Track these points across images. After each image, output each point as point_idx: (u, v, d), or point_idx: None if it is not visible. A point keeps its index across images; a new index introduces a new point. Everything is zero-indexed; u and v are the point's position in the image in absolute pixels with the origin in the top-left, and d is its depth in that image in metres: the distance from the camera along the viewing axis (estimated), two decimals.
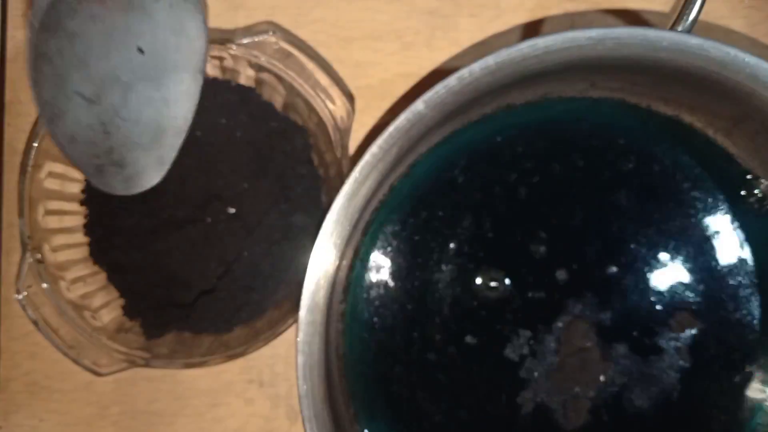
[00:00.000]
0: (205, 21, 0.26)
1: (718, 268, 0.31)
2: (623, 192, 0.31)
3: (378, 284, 0.31)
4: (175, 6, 0.25)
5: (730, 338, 0.31)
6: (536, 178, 0.31)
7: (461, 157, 0.31)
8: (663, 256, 0.31)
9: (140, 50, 0.26)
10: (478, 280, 0.31)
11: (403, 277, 0.31)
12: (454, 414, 0.32)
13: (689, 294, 0.31)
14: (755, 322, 0.31)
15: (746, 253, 0.31)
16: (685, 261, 0.31)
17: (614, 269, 0.31)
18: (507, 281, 0.31)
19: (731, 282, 0.31)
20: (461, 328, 0.31)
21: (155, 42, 0.26)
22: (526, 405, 0.31)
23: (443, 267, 0.31)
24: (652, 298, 0.31)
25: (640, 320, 0.31)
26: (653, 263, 0.31)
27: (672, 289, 0.31)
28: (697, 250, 0.31)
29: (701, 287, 0.31)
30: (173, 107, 0.27)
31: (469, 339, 0.31)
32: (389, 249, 0.32)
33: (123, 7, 0.25)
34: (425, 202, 0.31)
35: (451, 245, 0.31)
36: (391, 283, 0.31)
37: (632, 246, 0.31)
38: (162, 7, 0.25)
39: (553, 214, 0.32)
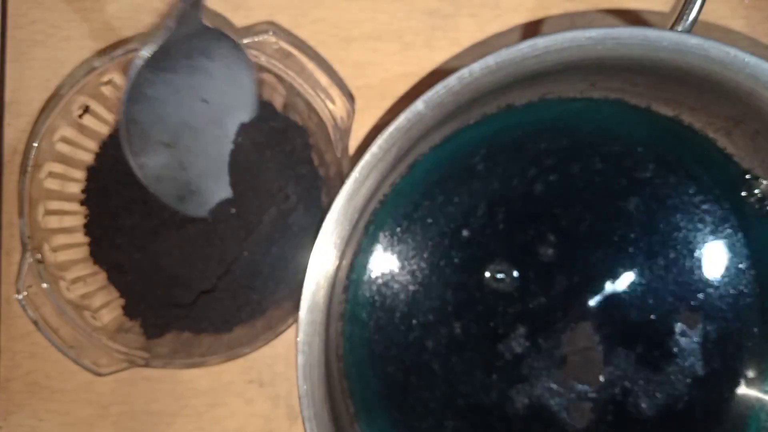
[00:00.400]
0: (253, 72, 0.31)
1: (718, 269, 0.31)
2: (624, 192, 0.31)
3: (378, 284, 0.32)
4: (229, 65, 0.30)
5: (730, 342, 0.31)
6: (536, 179, 0.31)
7: (461, 157, 0.31)
8: (663, 258, 0.31)
9: (204, 101, 0.31)
10: (486, 274, 0.31)
11: (403, 276, 0.31)
12: (456, 413, 0.32)
13: (690, 297, 0.31)
14: (754, 325, 0.31)
15: (746, 255, 0.31)
16: (685, 263, 0.31)
17: (614, 269, 0.31)
18: (515, 274, 0.31)
19: (731, 284, 0.31)
20: (463, 325, 0.31)
21: (215, 93, 0.31)
22: (530, 404, 0.31)
23: (444, 265, 0.31)
24: (653, 302, 0.31)
25: (642, 324, 0.31)
26: (653, 265, 0.31)
27: (672, 292, 0.31)
28: (697, 251, 0.31)
29: (701, 289, 0.31)
30: (243, 135, 0.32)
31: (471, 336, 0.31)
32: (389, 248, 0.32)
33: (189, 71, 0.30)
34: (425, 202, 0.31)
35: (453, 243, 0.31)
36: (392, 283, 0.32)
37: (633, 247, 0.31)
38: (219, 66, 0.30)
39: (554, 212, 0.32)
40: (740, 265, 0.31)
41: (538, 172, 0.31)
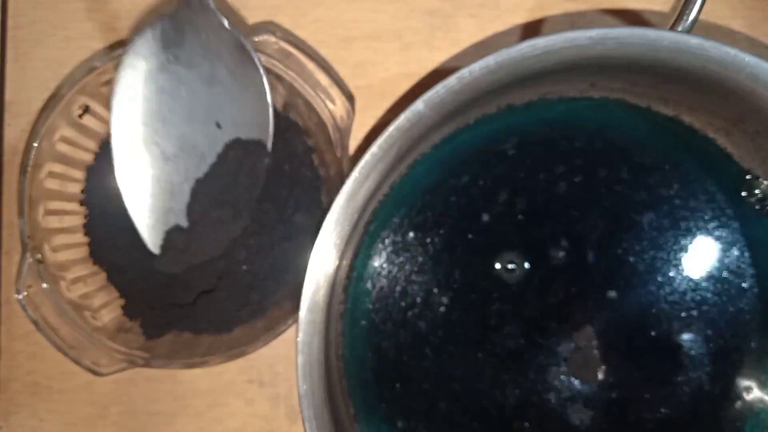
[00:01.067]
0: (272, 111, 0.29)
1: (718, 271, 0.31)
2: (621, 193, 0.31)
3: (378, 283, 0.32)
4: (247, 87, 0.28)
5: (728, 354, 0.31)
6: (535, 180, 0.31)
7: (461, 157, 0.31)
8: (662, 258, 0.31)
9: (218, 125, 0.29)
10: (496, 266, 0.31)
11: (403, 277, 0.31)
12: (457, 413, 0.32)
13: (688, 299, 0.31)
14: (754, 328, 0.31)
15: (746, 256, 0.31)
16: (684, 264, 0.31)
17: (614, 270, 0.31)
18: (526, 265, 0.31)
19: (731, 286, 0.31)
20: (465, 321, 0.31)
21: (230, 120, 0.29)
22: (530, 401, 0.31)
23: (446, 264, 0.31)
24: (652, 306, 0.31)
25: (642, 327, 0.31)
26: (651, 266, 0.31)
27: (671, 295, 0.31)
28: (697, 252, 0.31)
29: (700, 292, 0.31)
30: (243, 180, 0.30)
31: (473, 334, 0.31)
32: (389, 249, 0.32)
33: (207, 79, 0.28)
34: (426, 202, 0.31)
35: (453, 242, 0.31)
36: (392, 282, 0.32)
37: (637, 257, 0.31)
38: (237, 86, 0.28)
39: (552, 213, 0.32)
40: (741, 260, 0.31)
41: (541, 174, 0.31)
